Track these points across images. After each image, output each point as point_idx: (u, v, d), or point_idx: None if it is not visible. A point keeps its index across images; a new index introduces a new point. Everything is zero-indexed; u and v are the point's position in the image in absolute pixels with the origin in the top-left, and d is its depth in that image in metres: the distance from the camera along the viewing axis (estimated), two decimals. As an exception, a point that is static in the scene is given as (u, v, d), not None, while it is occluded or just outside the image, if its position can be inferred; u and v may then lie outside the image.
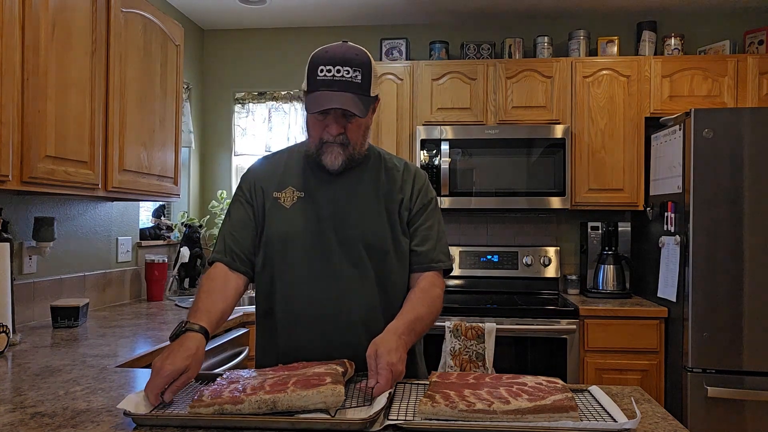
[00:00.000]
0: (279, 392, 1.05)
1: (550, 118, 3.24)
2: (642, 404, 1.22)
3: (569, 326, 2.83)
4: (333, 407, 1.03)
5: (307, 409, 1.03)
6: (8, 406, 1.22)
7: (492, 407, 1.05)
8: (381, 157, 1.55)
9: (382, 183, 1.50)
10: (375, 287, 1.44)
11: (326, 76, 1.35)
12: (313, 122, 1.42)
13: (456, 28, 3.69)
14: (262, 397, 1.04)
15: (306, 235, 1.44)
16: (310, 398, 1.03)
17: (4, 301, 1.81)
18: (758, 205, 2.63)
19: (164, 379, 1.13)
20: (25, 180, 1.78)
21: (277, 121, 3.79)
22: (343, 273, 1.42)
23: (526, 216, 3.58)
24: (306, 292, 1.42)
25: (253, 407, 1.04)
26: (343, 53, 1.36)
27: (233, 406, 1.04)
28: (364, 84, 1.36)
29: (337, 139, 1.40)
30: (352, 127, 1.41)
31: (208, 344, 1.27)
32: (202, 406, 1.05)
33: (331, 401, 1.03)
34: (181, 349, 1.19)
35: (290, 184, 1.49)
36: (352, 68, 1.35)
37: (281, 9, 3.50)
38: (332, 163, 1.42)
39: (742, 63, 3.13)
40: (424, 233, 1.49)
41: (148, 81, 2.47)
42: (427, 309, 1.40)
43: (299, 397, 1.03)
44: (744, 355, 2.61)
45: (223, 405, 1.05)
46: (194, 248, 3.29)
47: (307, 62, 1.40)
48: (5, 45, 1.69)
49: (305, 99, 1.39)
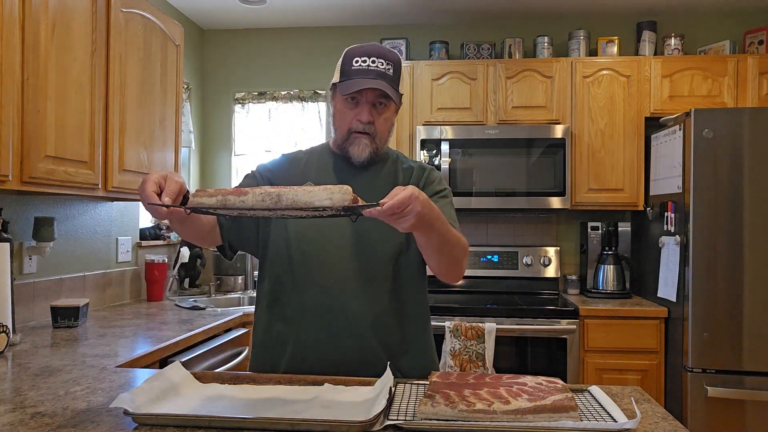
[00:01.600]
0: (284, 187, 1.00)
1: (550, 118, 3.24)
2: (642, 404, 1.22)
3: (569, 326, 2.83)
4: (339, 204, 0.98)
5: (311, 205, 0.97)
6: (8, 406, 1.22)
7: (492, 407, 1.05)
8: (398, 158, 1.58)
9: (399, 182, 1.51)
10: (386, 285, 1.44)
11: (361, 66, 1.41)
12: (343, 111, 1.45)
13: (456, 28, 3.69)
14: (267, 190, 0.99)
15: (322, 234, 1.44)
16: (317, 194, 0.98)
17: (4, 301, 1.81)
18: (758, 205, 2.63)
19: (151, 181, 1.11)
20: (25, 180, 1.79)
21: (277, 121, 3.79)
22: (355, 270, 1.42)
23: (526, 216, 3.58)
24: (316, 288, 1.42)
25: (257, 199, 0.99)
26: (377, 48, 1.44)
27: (237, 198, 1.00)
28: (395, 77, 1.43)
29: (367, 128, 1.42)
30: (381, 119, 1.45)
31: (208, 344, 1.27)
32: (205, 196, 1.02)
33: (337, 197, 0.98)
34: None
35: (309, 180, 1.50)
36: (386, 61, 1.42)
37: (281, 9, 3.50)
38: (359, 155, 1.44)
39: (742, 63, 3.13)
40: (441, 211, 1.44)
41: (148, 81, 2.47)
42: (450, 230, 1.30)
43: (305, 192, 0.98)
44: (744, 355, 2.61)
45: (227, 196, 1.00)
46: (194, 248, 3.29)
47: (341, 57, 1.45)
48: (5, 45, 1.69)
49: (338, 87, 1.43)
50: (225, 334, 2.45)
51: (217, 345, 2.30)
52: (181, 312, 2.64)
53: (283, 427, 1.03)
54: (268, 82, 3.81)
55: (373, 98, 1.42)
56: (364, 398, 1.20)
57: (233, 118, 3.85)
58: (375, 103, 1.42)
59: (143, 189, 1.12)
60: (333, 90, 1.49)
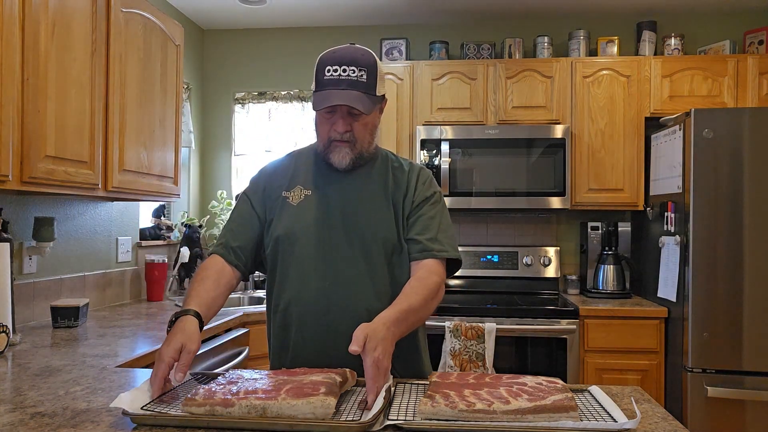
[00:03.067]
0: (270, 399, 1.06)
1: (550, 118, 3.24)
2: (642, 404, 1.22)
3: (569, 326, 2.83)
4: (321, 418, 1.04)
5: (296, 418, 1.04)
6: (8, 406, 1.22)
7: (492, 407, 1.05)
8: (388, 158, 1.58)
9: (390, 182, 1.52)
10: (381, 283, 1.44)
11: (333, 75, 1.39)
12: (321, 121, 1.46)
13: (456, 28, 3.69)
14: (252, 402, 1.06)
15: (313, 230, 1.45)
16: (300, 408, 1.04)
17: (4, 301, 1.81)
18: (758, 205, 2.63)
19: (165, 362, 1.16)
20: (25, 180, 1.79)
21: (277, 121, 3.79)
22: (351, 268, 1.43)
23: (526, 216, 3.58)
24: (314, 287, 1.43)
25: (243, 411, 1.05)
26: (349, 54, 1.41)
27: (224, 409, 1.05)
28: (370, 83, 1.40)
29: (344, 136, 1.43)
30: (359, 126, 1.44)
31: (209, 344, 1.27)
32: (194, 405, 1.07)
33: (319, 412, 1.03)
34: (174, 331, 1.24)
35: (298, 183, 1.52)
36: (357, 68, 1.39)
37: (281, 9, 3.50)
38: (340, 162, 1.45)
39: (742, 63, 3.13)
40: (425, 222, 1.47)
41: (148, 81, 2.47)
42: (422, 299, 1.34)
43: (289, 406, 1.04)
44: (744, 355, 2.61)
45: (215, 406, 1.06)
46: (194, 248, 3.29)
47: (316, 63, 1.44)
48: (5, 45, 1.69)
49: (313, 98, 1.43)
50: (225, 334, 2.45)
51: (218, 345, 2.30)
52: (181, 312, 2.63)
53: (282, 428, 1.03)
54: (268, 82, 3.81)
55: (348, 108, 1.41)
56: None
57: (233, 118, 3.85)
58: (351, 111, 1.42)
59: (161, 364, 1.17)
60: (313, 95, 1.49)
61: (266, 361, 1.63)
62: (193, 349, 1.21)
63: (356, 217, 1.46)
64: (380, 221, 1.46)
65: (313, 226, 1.45)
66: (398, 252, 1.47)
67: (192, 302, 1.34)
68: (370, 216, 1.46)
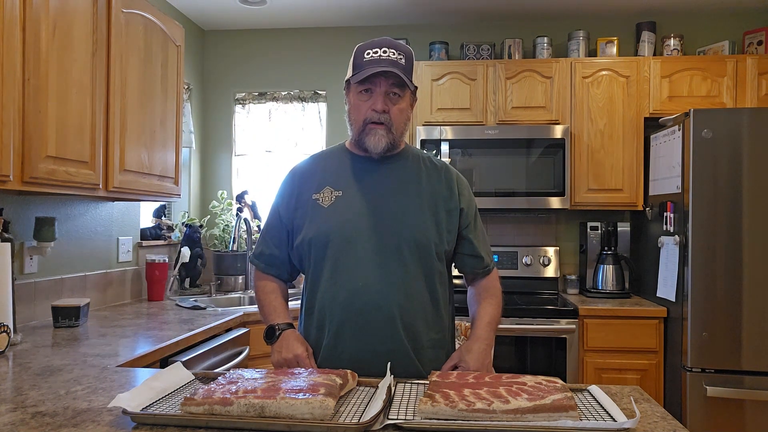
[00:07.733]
0: (269, 398, 1.06)
1: (550, 119, 3.25)
2: (641, 404, 1.23)
3: (569, 326, 2.83)
4: (319, 419, 1.04)
5: (294, 418, 1.04)
6: (9, 406, 1.23)
7: (492, 407, 1.06)
8: (419, 154, 1.59)
9: (424, 180, 1.52)
10: (414, 282, 1.45)
11: (373, 56, 1.43)
12: (357, 104, 1.47)
13: (456, 28, 3.69)
14: (251, 401, 1.06)
15: (345, 232, 1.45)
16: (298, 408, 1.04)
17: (5, 300, 1.82)
18: (757, 205, 2.63)
19: (303, 356, 1.41)
20: (26, 180, 1.79)
21: (277, 121, 3.79)
22: (382, 269, 1.43)
23: (525, 216, 3.59)
24: (346, 289, 1.43)
25: (241, 410, 1.05)
26: (388, 41, 1.47)
27: (222, 407, 1.06)
28: (408, 67, 1.46)
29: (382, 117, 1.44)
30: (396, 110, 1.46)
31: (209, 344, 1.28)
32: (193, 405, 1.07)
33: (318, 413, 1.04)
34: (289, 339, 1.45)
35: (328, 184, 1.52)
36: (397, 51, 1.44)
37: (281, 9, 3.50)
38: (375, 145, 1.46)
39: (741, 63, 3.14)
40: (481, 238, 1.60)
41: (149, 81, 2.47)
42: (497, 307, 1.63)
43: (287, 406, 1.04)
44: (743, 354, 2.62)
45: (213, 405, 1.06)
46: (195, 248, 3.30)
47: (353, 53, 1.48)
48: (6, 46, 1.69)
49: (351, 79, 1.46)
50: (225, 333, 2.45)
51: (218, 345, 2.31)
52: (182, 312, 2.64)
53: (280, 428, 1.04)
54: (269, 82, 3.82)
55: (387, 87, 1.43)
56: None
57: (234, 119, 3.86)
58: (389, 92, 1.44)
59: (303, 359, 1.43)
60: (347, 87, 1.51)
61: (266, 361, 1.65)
62: (311, 351, 1.46)
63: (388, 217, 1.46)
64: (412, 220, 1.47)
65: (345, 228, 1.45)
66: (431, 251, 1.47)
67: (280, 315, 1.54)
68: (402, 216, 1.47)
